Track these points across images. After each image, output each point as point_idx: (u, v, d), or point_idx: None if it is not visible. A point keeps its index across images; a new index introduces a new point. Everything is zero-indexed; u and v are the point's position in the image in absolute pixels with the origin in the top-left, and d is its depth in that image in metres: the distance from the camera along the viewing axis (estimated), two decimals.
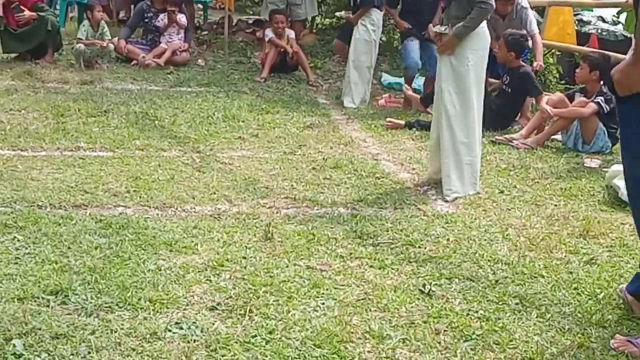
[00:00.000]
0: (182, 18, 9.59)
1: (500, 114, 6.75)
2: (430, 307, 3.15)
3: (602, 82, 6.25)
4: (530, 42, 7.50)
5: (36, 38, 8.78)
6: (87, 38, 8.86)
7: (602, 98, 6.20)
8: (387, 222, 4.20)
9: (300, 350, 2.75)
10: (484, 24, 4.78)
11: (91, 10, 9.03)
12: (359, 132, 6.68)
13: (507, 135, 6.46)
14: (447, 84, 4.79)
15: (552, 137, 6.56)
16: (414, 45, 7.98)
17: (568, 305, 3.23)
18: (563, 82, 8.78)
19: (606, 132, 6.30)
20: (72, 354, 2.64)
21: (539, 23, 8.41)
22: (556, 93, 6.68)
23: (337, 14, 8.01)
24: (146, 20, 9.67)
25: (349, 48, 7.95)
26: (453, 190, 4.76)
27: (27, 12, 8.73)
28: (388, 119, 6.91)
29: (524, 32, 7.25)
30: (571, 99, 6.54)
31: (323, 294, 3.24)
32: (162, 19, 9.54)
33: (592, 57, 6.60)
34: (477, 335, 2.93)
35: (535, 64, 7.44)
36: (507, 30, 7.05)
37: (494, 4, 4.72)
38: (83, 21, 9.28)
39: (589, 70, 6.34)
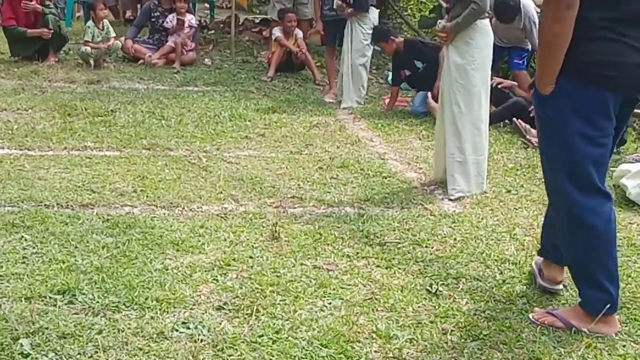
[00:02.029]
0: (191, 20, 9.61)
1: None
2: (437, 307, 3.15)
3: None
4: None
5: (40, 39, 8.81)
6: (93, 39, 8.87)
7: None
8: (393, 222, 4.20)
9: (307, 350, 2.74)
10: (487, 22, 4.79)
11: (94, 9, 9.05)
12: (365, 131, 6.67)
13: (526, 126, 6.43)
14: (453, 82, 4.79)
15: None
16: (419, 96, 7.75)
17: None
18: None
19: None
20: (79, 354, 2.65)
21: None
22: None
23: (337, 1, 7.93)
24: (153, 19, 9.70)
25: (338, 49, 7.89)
26: (457, 189, 4.75)
27: (34, 2, 8.76)
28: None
29: None
30: None
31: (330, 293, 3.23)
32: (170, 21, 9.55)
33: None
34: (485, 335, 2.93)
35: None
36: None
37: (486, 6, 4.71)
38: (87, 22, 9.30)
39: None
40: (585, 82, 2.79)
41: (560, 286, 3.35)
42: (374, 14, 7.71)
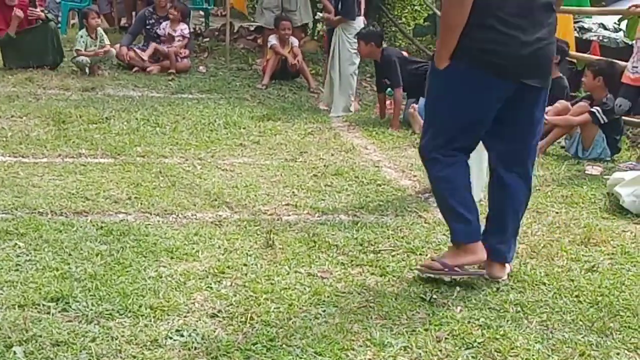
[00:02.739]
0: (184, 29, 9.60)
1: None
2: (431, 315, 3.15)
3: (608, 90, 6.30)
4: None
5: (34, 52, 8.75)
6: (86, 48, 8.85)
7: (599, 109, 6.23)
8: (388, 229, 4.20)
9: (301, 358, 2.74)
10: None
11: (86, 18, 9.04)
12: (360, 139, 6.68)
13: None
14: None
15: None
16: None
17: (569, 313, 3.22)
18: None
19: (605, 140, 6.31)
20: None
21: None
22: (560, 101, 6.68)
23: (318, 14, 7.98)
24: (148, 27, 9.70)
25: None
26: None
27: (39, 10, 8.75)
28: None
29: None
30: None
31: (324, 301, 3.23)
32: (163, 28, 9.55)
33: (595, 63, 6.63)
34: (479, 343, 2.92)
35: None
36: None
37: None
38: (80, 30, 9.28)
39: (592, 77, 6.37)
40: (474, 65, 3.18)
41: (504, 276, 3.55)
42: (359, 22, 7.74)
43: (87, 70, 8.75)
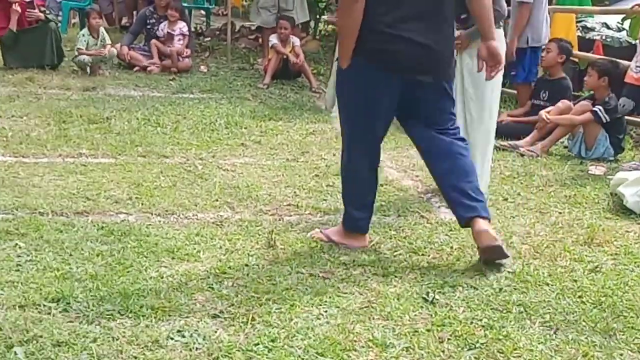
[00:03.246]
0: (183, 27, 9.60)
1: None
2: (433, 315, 3.13)
3: (611, 90, 6.30)
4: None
5: (35, 51, 8.74)
6: (87, 47, 8.85)
7: (601, 107, 6.22)
8: (390, 230, 4.19)
9: (303, 359, 2.73)
10: (501, 32, 4.74)
11: (88, 18, 9.05)
12: None
13: (511, 142, 6.45)
14: (466, 91, 4.74)
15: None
16: None
17: (572, 314, 3.21)
18: None
19: (608, 139, 6.30)
20: None
21: None
22: (563, 101, 6.68)
23: (324, 17, 7.98)
24: (148, 26, 9.70)
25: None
26: None
27: (37, 11, 8.76)
28: None
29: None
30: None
31: (326, 301, 3.22)
32: (162, 29, 9.55)
33: (600, 63, 6.61)
34: (481, 343, 2.91)
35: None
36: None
37: (504, 12, 4.70)
38: (82, 30, 9.28)
39: (597, 76, 6.36)
40: (370, 63, 3.56)
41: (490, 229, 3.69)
42: None
43: (88, 69, 8.75)
